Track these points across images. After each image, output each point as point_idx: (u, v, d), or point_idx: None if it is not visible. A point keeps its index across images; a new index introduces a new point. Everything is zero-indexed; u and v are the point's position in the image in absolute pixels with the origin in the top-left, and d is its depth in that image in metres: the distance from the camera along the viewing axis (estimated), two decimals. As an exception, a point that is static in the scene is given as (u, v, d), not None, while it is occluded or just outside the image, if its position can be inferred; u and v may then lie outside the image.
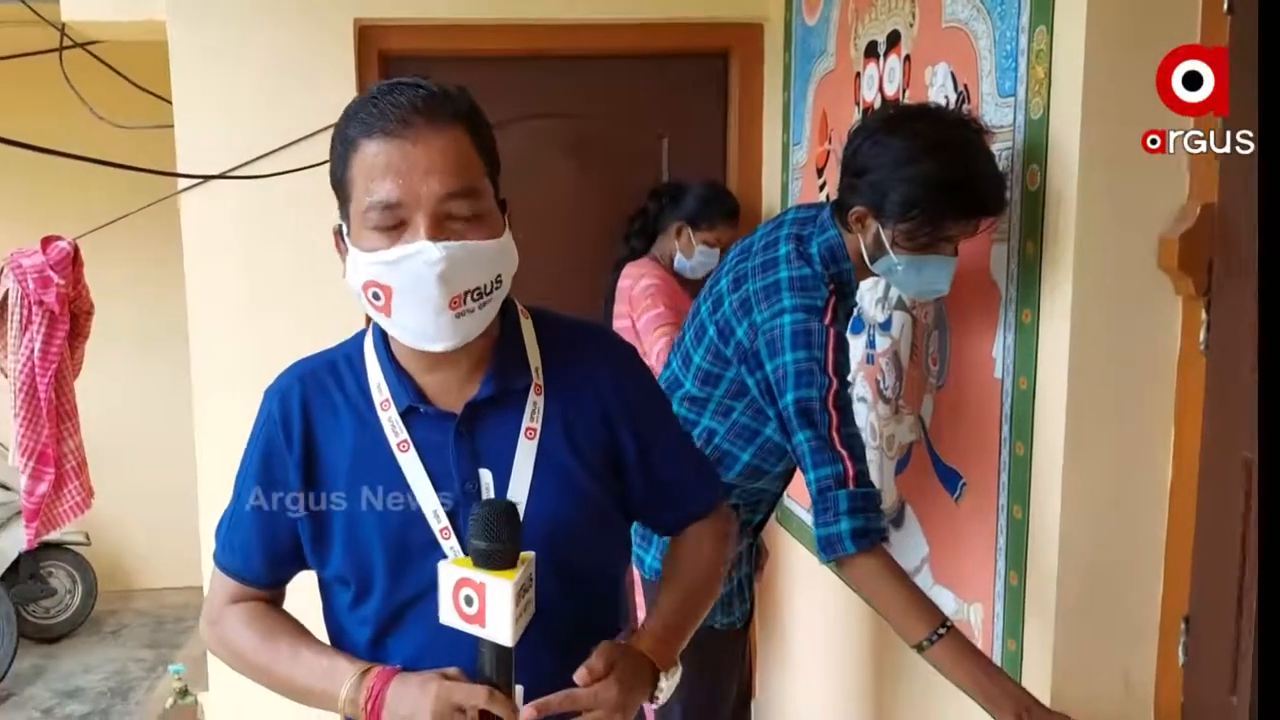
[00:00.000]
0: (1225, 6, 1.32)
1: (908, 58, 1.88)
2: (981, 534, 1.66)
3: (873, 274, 1.67)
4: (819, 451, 1.56)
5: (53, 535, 3.92)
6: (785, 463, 1.83)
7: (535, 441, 1.18)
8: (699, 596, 1.32)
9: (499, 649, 1.05)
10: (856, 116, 2.11)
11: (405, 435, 1.17)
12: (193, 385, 2.78)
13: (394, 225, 1.08)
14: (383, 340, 1.21)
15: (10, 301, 2.65)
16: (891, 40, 1.95)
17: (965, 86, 1.68)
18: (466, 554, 1.07)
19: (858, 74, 2.11)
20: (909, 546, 1.90)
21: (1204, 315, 1.39)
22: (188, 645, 4.43)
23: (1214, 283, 1.38)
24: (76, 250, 2.68)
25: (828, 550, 1.54)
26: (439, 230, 1.07)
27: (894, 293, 1.93)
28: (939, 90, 1.76)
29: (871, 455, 2.04)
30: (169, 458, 4.51)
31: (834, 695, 2.38)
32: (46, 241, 2.66)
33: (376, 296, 1.10)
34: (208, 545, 2.80)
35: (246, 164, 2.66)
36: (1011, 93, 1.55)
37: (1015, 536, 1.57)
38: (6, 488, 4.30)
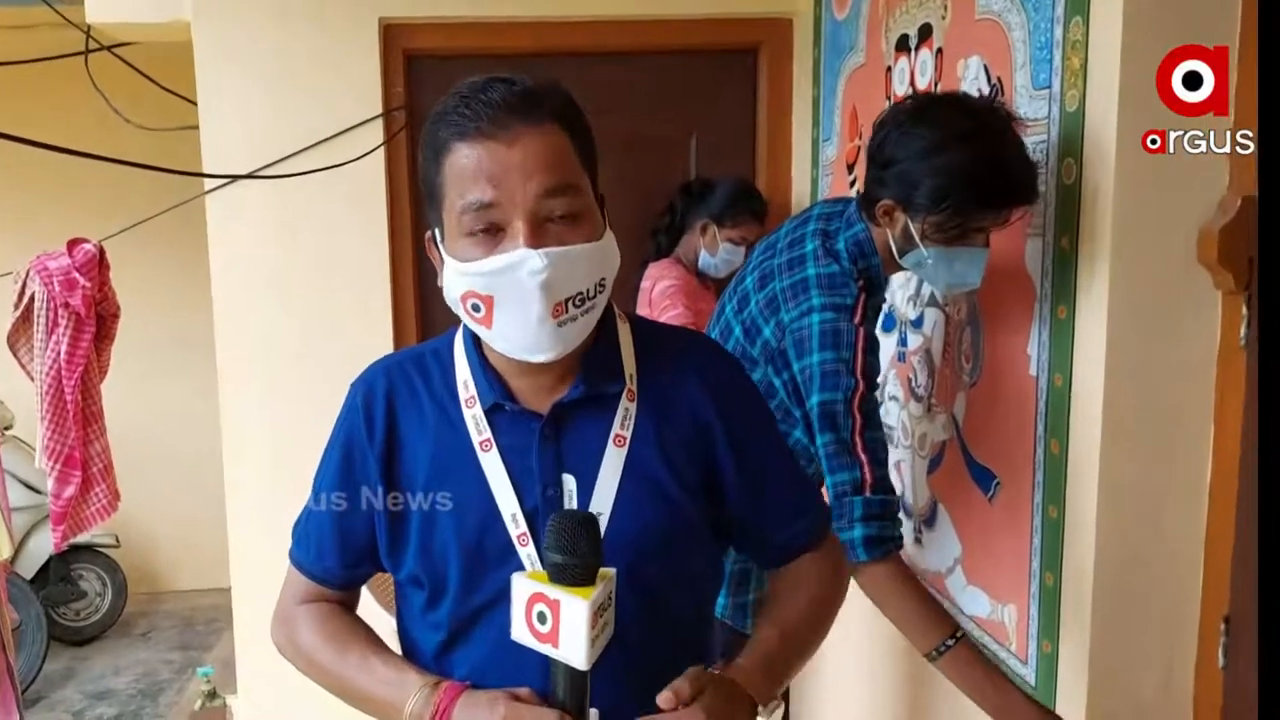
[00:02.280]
0: (1267, -7, 1.29)
1: (940, 51, 1.86)
2: (1016, 534, 1.63)
3: (901, 268, 1.63)
4: (838, 455, 1.54)
5: (82, 538, 3.94)
6: (815, 465, 1.81)
7: (624, 449, 1.12)
8: (805, 634, 1.20)
9: (573, 671, 0.98)
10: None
11: (488, 434, 1.12)
12: (219, 387, 2.79)
13: (490, 231, 1.03)
14: (473, 337, 1.16)
15: (36, 304, 2.66)
16: (923, 33, 1.92)
17: (999, 79, 1.65)
18: (543, 565, 1.01)
19: (889, 68, 2.08)
20: (941, 547, 1.87)
21: (1244, 310, 1.36)
22: (217, 647, 4.46)
23: (1254, 277, 1.35)
24: (102, 252, 2.68)
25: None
26: (539, 234, 1.02)
27: (926, 289, 1.91)
28: (972, 83, 1.73)
29: (903, 454, 2.02)
30: (198, 460, 4.53)
31: (867, 700, 2.36)
32: (72, 244, 2.67)
33: (476, 308, 1.06)
34: (236, 548, 2.83)
35: (272, 164, 2.67)
36: (1046, 85, 1.52)
37: (1050, 536, 1.54)
38: (36, 490, 4.34)
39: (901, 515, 2.02)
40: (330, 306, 2.74)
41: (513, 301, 1.04)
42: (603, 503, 1.10)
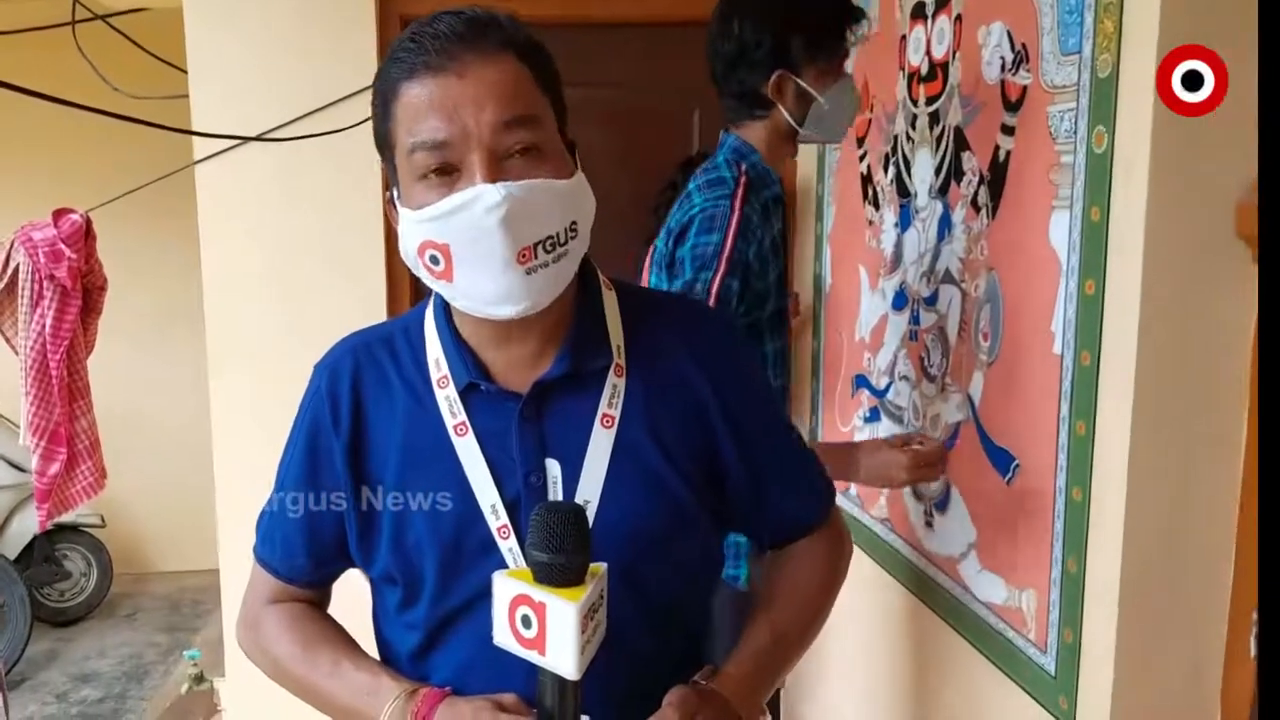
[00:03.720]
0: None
1: (959, 18, 1.79)
2: (1036, 518, 1.57)
3: (792, 149, 1.79)
4: None
5: (67, 517, 3.88)
6: None
7: (613, 431, 1.03)
8: (800, 631, 1.14)
9: (562, 682, 0.90)
10: (902, 83, 2.02)
11: (463, 417, 1.03)
12: (208, 362, 2.72)
13: (444, 171, 0.94)
14: (444, 311, 1.07)
15: (20, 276, 2.59)
16: (940, 0, 1.86)
17: (1023, 45, 1.58)
18: (527, 562, 0.92)
19: (903, 37, 2.02)
20: (954, 531, 1.82)
21: (1285, 286, 1.30)
22: (204, 629, 4.40)
23: (1297, 250, 1.29)
24: (89, 223, 2.61)
25: None
26: (496, 170, 0.93)
27: (940, 266, 1.85)
28: (993, 50, 1.67)
29: (915, 436, 1.96)
30: (185, 438, 4.48)
31: (867, 686, 2.31)
32: (58, 214, 2.60)
33: (435, 260, 0.96)
34: (225, 528, 2.76)
35: (265, 133, 2.59)
36: (1076, 49, 1.45)
37: (1074, 520, 1.48)
38: (19, 468, 4.26)
39: (911, 499, 1.99)
40: (323, 280, 2.67)
41: (472, 246, 0.94)
42: (590, 490, 1.02)
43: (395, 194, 1.02)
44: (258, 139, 2.56)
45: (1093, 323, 1.43)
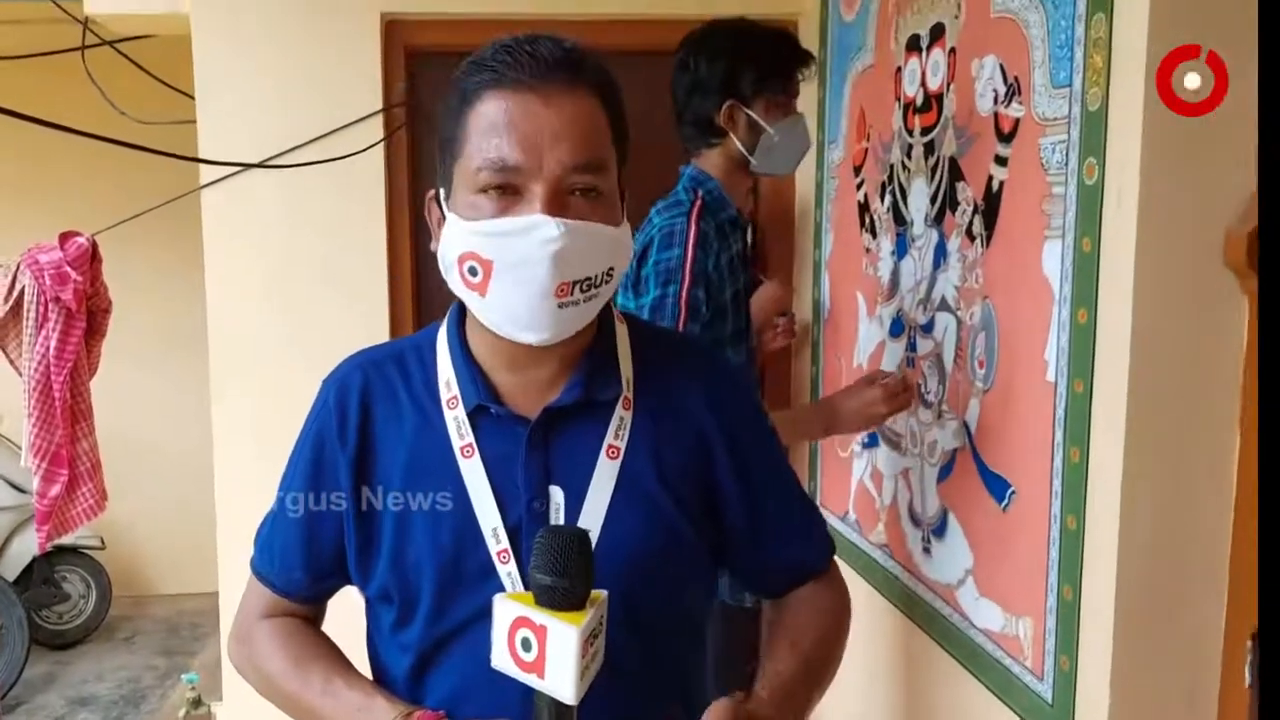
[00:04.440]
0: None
1: (953, 50, 1.82)
2: (1031, 545, 1.58)
3: (748, 176, 1.93)
4: None
5: (67, 539, 3.87)
6: None
7: (618, 462, 1.04)
8: (820, 667, 1.12)
9: (559, 705, 0.89)
10: (898, 113, 2.05)
11: (471, 439, 1.04)
12: (211, 386, 2.73)
13: (506, 190, 0.95)
14: (458, 331, 1.08)
15: (26, 298, 2.61)
16: (935, 33, 1.88)
17: (1015, 78, 1.61)
18: (527, 586, 0.92)
19: (898, 69, 2.04)
20: (952, 558, 1.82)
21: (1274, 315, 1.32)
22: (202, 653, 4.39)
23: (1286, 280, 1.31)
24: (95, 246, 2.63)
25: None
26: (558, 205, 0.94)
27: (936, 293, 1.87)
28: (986, 83, 1.69)
29: (911, 462, 1.98)
30: (186, 461, 4.49)
31: (863, 712, 2.31)
32: (64, 237, 2.62)
33: (473, 271, 0.97)
34: (225, 551, 2.76)
35: (271, 159, 2.62)
36: (1067, 83, 1.48)
37: (1069, 548, 1.49)
38: (20, 489, 4.27)
39: (909, 525, 2.00)
40: (326, 305, 2.69)
41: (516, 269, 0.95)
42: (592, 519, 1.02)
43: (442, 193, 1.02)
44: (259, 166, 2.58)
45: (1085, 351, 1.44)
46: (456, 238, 0.98)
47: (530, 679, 0.90)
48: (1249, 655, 1.36)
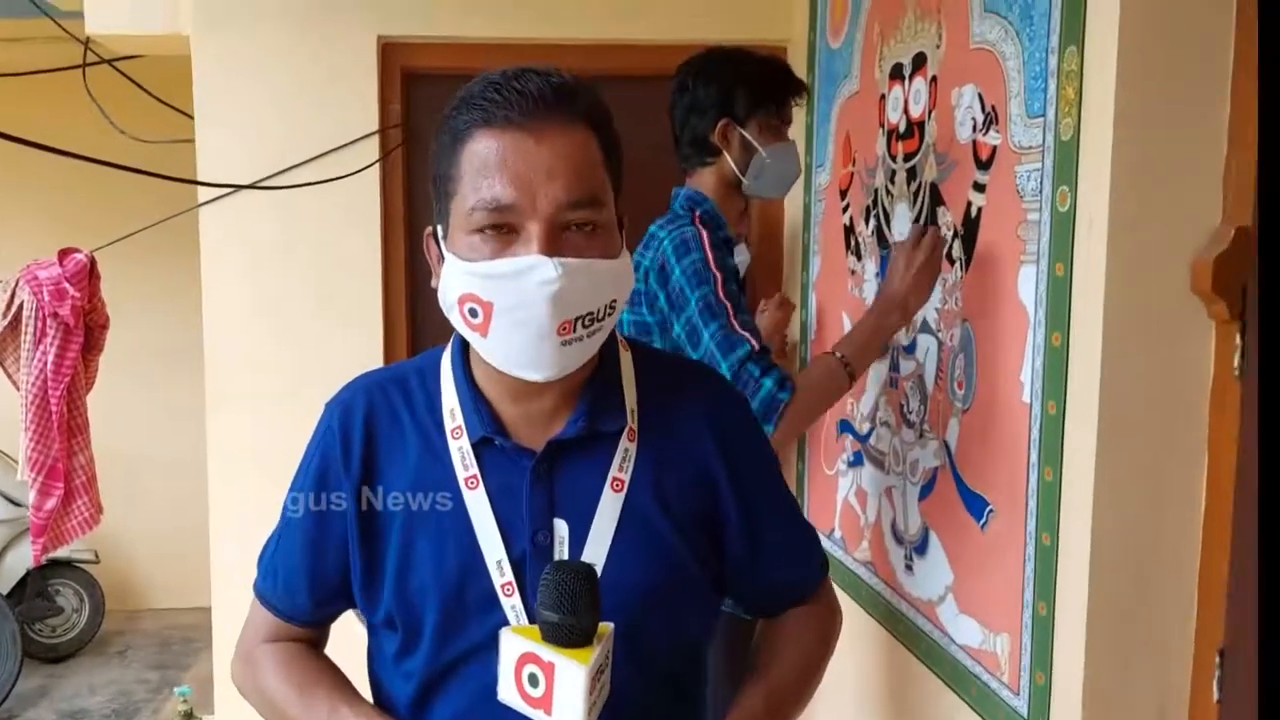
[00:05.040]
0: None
1: (934, 79, 1.87)
2: (1009, 562, 1.62)
3: (741, 197, 1.97)
4: (726, 340, 1.74)
5: (61, 553, 3.90)
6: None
7: (622, 495, 1.03)
8: (790, 698, 1.14)
9: None
10: (881, 139, 2.09)
11: (475, 470, 1.03)
12: (207, 402, 2.76)
13: (501, 230, 0.95)
14: (462, 360, 1.08)
15: (25, 313, 2.64)
16: (917, 62, 1.94)
17: (993, 107, 1.66)
18: (531, 618, 0.93)
19: (882, 96, 2.09)
20: (932, 574, 1.86)
21: (1238, 340, 1.36)
22: (195, 667, 4.40)
23: (1249, 307, 1.36)
24: (93, 263, 2.67)
25: (771, 412, 1.69)
26: (555, 243, 0.94)
27: (918, 316, 1.91)
28: (966, 111, 1.74)
29: (894, 480, 2.01)
30: (180, 476, 4.50)
31: (847, 708, 2.34)
32: (63, 254, 2.66)
33: (473, 313, 0.97)
34: (219, 566, 2.79)
35: (267, 179, 2.66)
36: (1041, 113, 1.53)
37: (1044, 565, 1.53)
38: (14, 503, 4.29)
39: (892, 542, 2.03)
40: (321, 323, 2.72)
41: (516, 311, 0.95)
42: (597, 553, 1.02)
43: (439, 231, 1.02)
44: (252, 187, 2.63)
45: (1058, 373, 1.48)
46: (455, 279, 0.98)
47: (538, 715, 0.90)
48: (1217, 670, 1.40)
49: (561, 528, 1.03)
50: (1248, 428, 1.36)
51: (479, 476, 1.03)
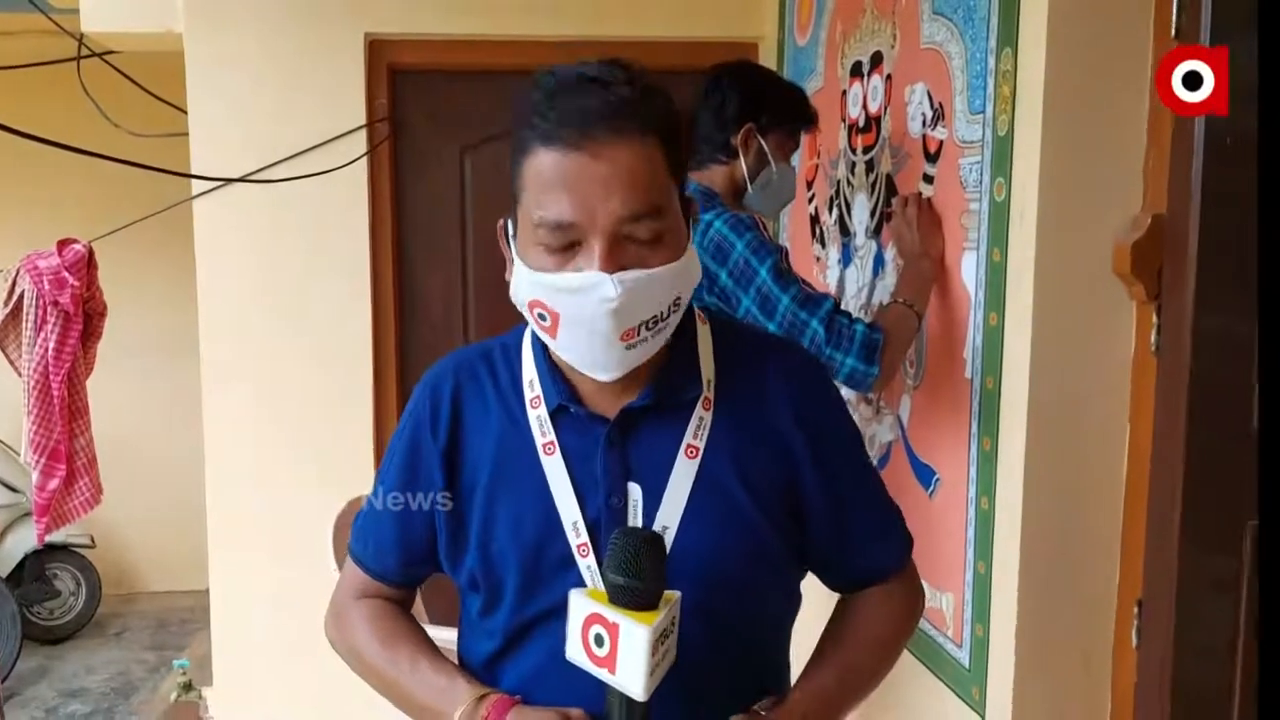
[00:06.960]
0: (1173, 32, 1.42)
1: (889, 77, 1.99)
2: (953, 526, 1.74)
3: (739, 206, 1.90)
4: (809, 299, 1.72)
5: (58, 537, 4.00)
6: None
7: (697, 461, 1.04)
8: (867, 675, 1.14)
9: (629, 702, 0.92)
10: (843, 133, 2.21)
11: (552, 436, 1.06)
12: (203, 388, 2.87)
13: (564, 245, 0.96)
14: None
15: (25, 302, 2.74)
16: (875, 60, 2.05)
17: (940, 104, 1.78)
18: (604, 582, 0.95)
19: (844, 92, 2.21)
20: (886, 541, 1.98)
21: (1155, 319, 1.49)
22: (191, 647, 4.51)
23: (1163, 288, 1.48)
24: (91, 253, 2.77)
25: (873, 351, 1.67)
26: (616, 255, 0.95)
27: (876, 299, 2.03)
28: (917, 107, 1.86)
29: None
30: (176, 461, 4.58)
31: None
32: (62, 244, 2.75)
33: (543, 318, 1.00)
34: (215, 548, 2.89)
35: (258, 171, 2.77)
36: (981, 110, 1.65)
37: (982, 527, 1.66)
38: (12, 489, 4.39)
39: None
40: (312, 312, 2.83)
41: (579, 324, 0.97)
42: (670, 517, 1.03)
43: (510, 228, 1.04)
44: (243, 180, 2.73)
45: (995, 350, 1.61)
46: (524, 284, 1.01)
47: (602, 673, 0.93)
48: (1135, 620, 1.53)
49: (635, 491, 1.04)
50: (1164, 399, 1.49)
51: (555, 443, 1.06)
